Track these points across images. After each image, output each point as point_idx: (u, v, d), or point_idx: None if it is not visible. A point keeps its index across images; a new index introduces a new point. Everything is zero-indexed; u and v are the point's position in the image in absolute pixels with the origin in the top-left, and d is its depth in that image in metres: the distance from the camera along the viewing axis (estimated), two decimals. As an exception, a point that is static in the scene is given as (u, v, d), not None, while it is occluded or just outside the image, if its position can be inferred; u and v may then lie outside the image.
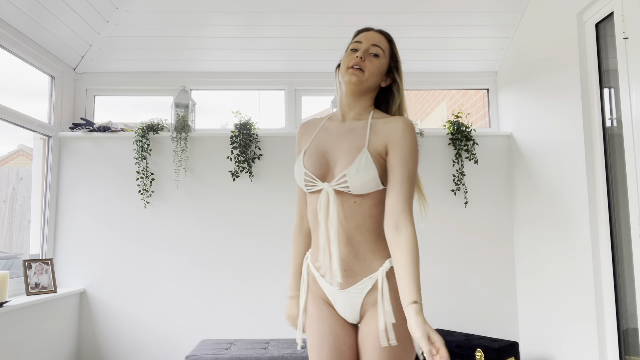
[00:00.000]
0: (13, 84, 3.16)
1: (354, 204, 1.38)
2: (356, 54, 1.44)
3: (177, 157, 3.37)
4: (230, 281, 3.34)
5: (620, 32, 2.32)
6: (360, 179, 1.34)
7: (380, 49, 1.46)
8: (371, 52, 1.45)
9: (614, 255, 2.48)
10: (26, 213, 3.31)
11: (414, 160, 1.36)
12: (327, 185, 1.38)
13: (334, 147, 1.43)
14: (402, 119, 1.41)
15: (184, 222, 3.36)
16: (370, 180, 1.35)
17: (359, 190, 1.36)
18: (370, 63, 1.43)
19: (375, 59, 1.44)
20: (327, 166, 1.42)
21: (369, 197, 1.38)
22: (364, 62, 1.42)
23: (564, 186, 2.80)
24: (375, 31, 1.50)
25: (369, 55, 1.44)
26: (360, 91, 1.45)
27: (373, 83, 1.45)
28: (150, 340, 3.28)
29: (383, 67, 1.47)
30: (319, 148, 1.45)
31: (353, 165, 1.35)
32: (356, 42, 1.47)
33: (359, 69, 1.41)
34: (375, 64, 1.44)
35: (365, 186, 1.35)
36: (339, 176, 1.37)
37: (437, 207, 3.45)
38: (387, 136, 1.38)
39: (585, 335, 2.61)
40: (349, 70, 1.42)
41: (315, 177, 1.41)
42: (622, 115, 2.33)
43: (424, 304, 3.37)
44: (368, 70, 1.42)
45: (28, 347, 2.74)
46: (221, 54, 3.51)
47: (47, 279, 3.04)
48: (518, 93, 3.36)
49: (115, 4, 3.07)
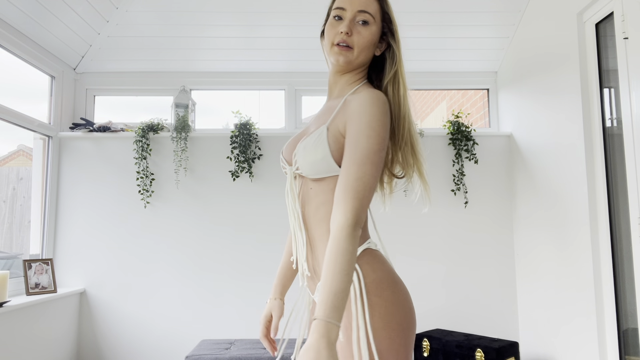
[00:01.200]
0: (13, 84, 3.16)
1: (310, 191, 1.18)
2: (340, 27, 1.18)
3: (177, 157, 3.37)
4: (230, 281, 3.34)
5: (620, 32, 2.32)
6: (307, 157, 1.14)
7: (368, 15, 1.19)
8: (358, 21, 1.19)
9: (614, 255, 2.48)
10: (26, 213, 3.31)
11: (369, 138, 1.07)
12: (289, 168, 1.22)
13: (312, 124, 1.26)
14: (366, 91, 1.14)
15: (184, 222, 3.36)
16: (318, 160, 1.13)
17: (309, 171, 1.15)
18: (358, 36, 1.18)
19: (364, 28, 1.19)
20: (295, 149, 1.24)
21: (324, 183, 1.16)
22: (351, 37, 1.18)
23: (564, 186, 2.80)
24: None
25: (356, 25, 1.19)
26: (349, 69, 1.23)
27: (365, 58, 1.22)
28: (150, 340, 3.28)
29: (375, 36, 1.21)
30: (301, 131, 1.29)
31: (301, 143, 1.17)
32: (339, 9, 1.20)
33: (346, 46, 1.18)
34: (365, 35, 1.19)
35: (314, 167, 1.14)
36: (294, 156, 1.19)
37: (437, 207, 3.45)
38: (347, 112, 1.14)
39: (585, 335, 2.61)
40: (334, 48, 1.19)
41: (286, 161, 1.25)
42: (622, 115, 2.33)
43: (419, 305, 3.38)
44: (357, 46, 1.19)
45: (28, 347, 2.74)
46: (221, 54, 3.51)
47: (47, 279, 3.04)
48: (518, 93, 3.36)
49: (115, 4, 3.07)
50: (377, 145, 1.07)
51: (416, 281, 3.39)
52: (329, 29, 1.22)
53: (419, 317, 3.37)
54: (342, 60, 1.19)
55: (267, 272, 3.34)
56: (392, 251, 3.39)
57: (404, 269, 3.39)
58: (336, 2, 1.23)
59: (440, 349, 2.92)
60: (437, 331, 3.12)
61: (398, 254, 3.40)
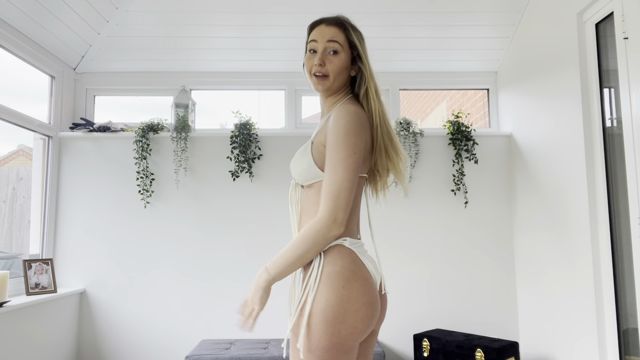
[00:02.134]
0: (13, 84, 3.16)
1: (305, 196, 1.41)
2: (314, 60, 1.39)
3: (177, 157, 3.37)
4: (230, 281, 3.34)
5: (620, 32, 2.32)
6: (296, 167, 1.38)
7: (337, 44, 1.39)
8: (329, 51, 1.39)
9: (614, 255, 2.48)
10: (26, 213, 3.31)
11: (338, 148, 1.27)
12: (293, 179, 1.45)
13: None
14: (340, 107, 1.34)
15: (184, 222, 3.36)
16: (305, 169, 1.35)
17: (299, 178, 1.39)
18: (330, 64, 1.39)
19: (335, 56, 1.39)
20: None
21: (313, 188, 1.37)
22: (324, 67, 1.38)
23: (564, 186, 2.80)
24: (327, 24, 1.43)
25: (327, 56, 1.39)
26: (331, 93, 1.44)
27: (341, 81, 1.42)
28: (150, 340, 3.28)
29: (346, 62, 1.41)
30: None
31: (295, 155, 1.42)
32: (312, 42, 1.42)
33: (323, 75, 1.38)
34: (336, 62, 1.39)
35: (302, 174, 1.37)
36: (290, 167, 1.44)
37: (437, 207, 3.45)
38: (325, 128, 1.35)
39: (585, 335, 2.61)
40: (312, 78, 1.40)
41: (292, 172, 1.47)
42: (622, 115, 2.33)
43: (419, 305, 3.38)
44: (332, 73, 1.39)
45: (28, 347, 2.74)
46: (221, 54, 3.51)
47: (47, 279, 3.04)
48: (518, 93, 3.36)
49: (115, 4, 3.07)
50: (346, 151, 1.26)
51: (416, 281, 3.39)
52: (307, 62, 1.42)
53: (419, 317, 3.37)
54: (321, 88, 1.40)
55: (267, 272, 3.34)
56: (392, 251, 3.40)
57: (404, 268, 3.39)
58: (310, 36, 1.44)
59: (440, 349, 2.92)
60: (437, 331, 3.12)
61: (398, 253, 3.40)
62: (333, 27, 1.43)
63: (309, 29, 1.47)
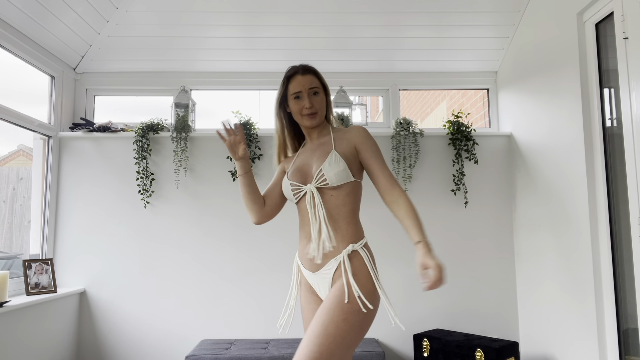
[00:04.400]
0: (13, 84, 3.16)
1: (331, 197, 1.71)
2: (303, 103, 1.77)
3: (177, 157, 3.37)
4: (230, 281, 3.34)
5: (620, 32, 2.32)
6: (333, 170, 1.69)
7: (316, 87, 1.80)
8: (311, 93, 1.79)
9: (614, 255, 2.48)
10: (26, 213, 3.31)
11: (380, 153, 1.76)
12: (309, 186, 1.72)
13: (309, 158, 1.79)
14: (358, 127, 1.81)
15: (184, 222, 3.36)
16: (341, 170, 1.69)
17: (334, 180, 1.69)
18: (316, 102, 1.79)
19: (317, 97, 1.80)
20: (306, 174, 1.76)
21: (342, 189, 1.71)
22: (313, 107, 1.78)
23: (564, 186, 2.80)
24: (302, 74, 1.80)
25: (312, 97, 1.79)
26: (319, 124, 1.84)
27: (324, 113, 1.84)
28: (150, 340, 3.28)
29: (324, 97, 1.83)
30: (299, 165, 1.80)
31: (325, 162, 1.71)
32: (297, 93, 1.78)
33: (313, 113, 1.78)
34: (319, 101, 1.81)
35: (339, 176, 1.69)
36: (317, 174, 1.71)
37: (437, 207, 3.45)
38: (351, 140, 1.77)
39: (585, 335, 2.61)
40: (305, 117, 1.79)
41: (299, 183, 1.75)
42: (622, 115, 2.33)
43: (419, 305, 3.38)
44: (319, 109, 1.80)
45: (28, 347, 2.74)
46: (221, 54, 3.51)
47: (47, 279, 3.04)
48: (518, 93, 3.36)
49: (115, 4, 3.07)
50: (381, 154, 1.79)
51: (416, 281, 3.39)
52: (295, 106, 1.81)
53: (419, 317, 3.37)
54: (315, 122, 1.81)
55: (267, 272, 3.35)
56: (391, 251, 3.40)
57: (404, 268, 3.39)
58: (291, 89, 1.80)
59: (440, 349, 2.92)
60: (437, 331, 3.12)
61: (398, 253, 3.40)
62: (309, 75, 1.81)
63: (285, 80, 1.82)
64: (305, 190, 1.73)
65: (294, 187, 1.76)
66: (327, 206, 1.70)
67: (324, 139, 1.82)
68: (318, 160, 1.74)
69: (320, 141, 1.83)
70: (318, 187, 1.71)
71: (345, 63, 3.62)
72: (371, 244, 3.46)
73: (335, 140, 1.79)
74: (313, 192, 1.70)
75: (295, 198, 1.77)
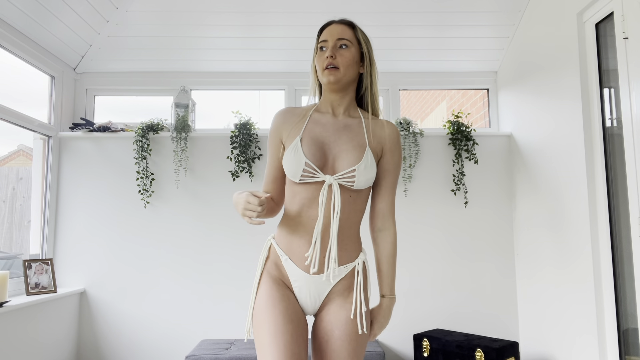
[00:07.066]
0: (13, 84, 3.16)
1: (349, 198, 1.44)
2: (326, 54, 1.47)
3: (177, 157, 3.37)
4: (230, 281, 3.34)
5: (620, 32, 2.32)
6: (367, 175, 1.42)
7: (346, 40, 1.48)
8: (339, 45, 1.47)
9: (614, 255, 2.48)
10: (26, 213, 3.31)
11: (398, 172, 1.53)
12: (331, 178, 1.40)
13: (332, 141, 1.45)
14: (394, 126, 1.52)
15: (184, 222, 3.36)
16: (371, 178, 1.44)
17: (362, 185, 1.42)
18: (341, 57, 1.46)
19: (345, 50, 1.47)
20: (325, 159, 1.43)
21: (362, 193, 1.47)
22: (335, 59, 1.45)
23: (564, 186, 2.80)
24: (336, 23, 1.51)
25: (338, 50, 1.46)
26: (342, 87, 1.49)
27: (351, 74, 1.49)
28: (150, 340, 3.28)
29: (355, 56, 1.49)
30: (316, 139, 1.45)
31: (362, 162, 1.41)
32: (322, 42, 1.50)
33: (334, 67, 1.45)
34: (347, 55, 1.47)
35: (368, 182, 1.43)
36: (347, 171, 1.40)
37: (437, 207, 3.45)
38: (383, 140, 1.49)
39: (585, 335, 2.61)
40: (324, 72, 1.46)
41: (317, 168, 1.41)
42: (622, 115, 2.33)
43: (419, 305, 3.38)
44: (342, 65, 1.45)
45: (28, 347, 2.74)
46: (221, 54, 3.51)
47: (47, 279, 3.04)
48: (518, 93, 3.36)
49: (115, 4, 3.07)
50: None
51: (416, 281, 3.39)
52: (318, 59, 1.49)
53: (419, 317, 3.37)
54: (333, 78, 1.45)
55: (267, 272, 3.34)
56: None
57: (404, 268, 3.39)
58: (320, 36, 1.51)
59: (440, 349, 2.92)
60: (437, 331, 3.12)
61: (398, 253, 3.40)
62: (342, 25, 1.50)
63: (319, 31, 1.54)
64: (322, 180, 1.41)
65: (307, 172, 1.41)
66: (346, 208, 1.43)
67: (353, 121, 1.50)
68: (346, 152, 1.43)
69: (347, 122, 1.50)
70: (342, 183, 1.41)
71: (345, 63, 3.62)
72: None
73: (368, 132, 1.48)
74: (334, 190, 1.39)
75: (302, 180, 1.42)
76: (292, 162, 1.41)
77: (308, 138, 1.44)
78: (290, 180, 1.46)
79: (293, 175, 1.42)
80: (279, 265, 1.46)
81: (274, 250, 1.48)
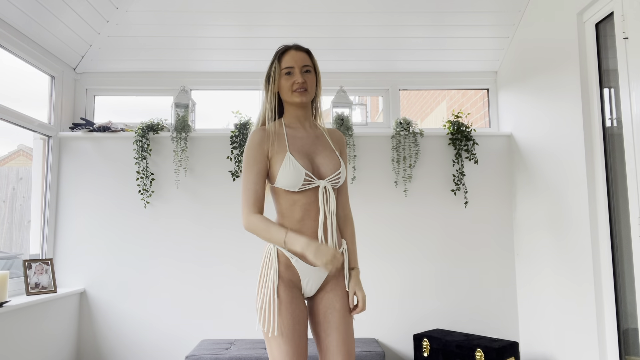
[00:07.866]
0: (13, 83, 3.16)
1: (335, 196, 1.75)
2: (294, 78, 1.71)
3: (177, 157, 3.37)
4: (230, 281, 3.34)
5: (620, 32, 2.32)
6: (344, 175, 1.76)
7: (309, 66, 1.75)
8: (304, 71, 1.73)
9: (614, 255, 2.48)
10: (26, 213, 3.31)
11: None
12: (325, 182, 1.69)
13: (313, 151, 1.73)
14: (340, 132, 1.88)
15: (184, 222, 3.36)
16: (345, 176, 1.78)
17: (341, 183, 1.76)
18: (308, 80, 1.73)
19: (309, 75, 1.74)
20: (312, 167, 1.70)
21: (338, 191, 1.80)
22: (305, 83, 1.71)
23: (564, 186, 2.80)
24: (296, 50, 1.75)
25: (303, 74, 1.73)
26: (307, 104, 1.79)
27: (314, 93, 1.78)
28: (150, 340, 3.28)
29: (315, 80, 1.78)
30: (302, 151, 1.71)
31: (343, 166, 1.75)
32: (289, 68, 1.72)
33: (304, 89, 1.71)
34: (311, 79, 1.75)
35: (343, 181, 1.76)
36: (335, 174, 1.71)
37: (437, 207, 3.45)
38: (339, 145, 1.82)
39: (585, 335, 2.61)
40: (295, 93, 1.71)
41: (313, 176, 1.68)
42: (622, 115, 2.33)
43: (419, 305, 3.38)
44: (310, 87, 1.74)
45: (28, 347, 2.74)
46: (221, 54, 3.51)
47: (47, 279, 3.04)
48: (518, 93, 3.36)
49: (115, 4, 3.07)
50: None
51: (416, 281, 3.39)
52: (285, 83, 1.73)
53: (419, 317, 3.37)
54: (305, 99, 1.73)
55: (267, 272, 3.34)
56: (391, 251, 3.40)
57: (404, 268, 3.39)
58: (283, 63, 1.73)
59: (440, 349, 2.92)
60: (437, 331, 3.12)
61: (398, 253, 3.40)
62: (302, 53, 1.76)
63: (280, 53, 1.76)
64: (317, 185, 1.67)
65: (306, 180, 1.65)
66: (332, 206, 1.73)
67: (319, 132, 1.81)
68: (326, 158, 1.73)
69: (316, 133, 1.79)
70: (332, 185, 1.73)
71: (345, 63, 3.62)
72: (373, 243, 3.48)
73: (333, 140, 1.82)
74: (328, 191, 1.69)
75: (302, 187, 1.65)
76: (292, 174, 1.64)
77: (296, 152, 1.69)
78: (284, 190, 1.67)
79: (293, 186, 1.64)
80: (290, 265, 1.68)
81: (282, 254, 1.68)
